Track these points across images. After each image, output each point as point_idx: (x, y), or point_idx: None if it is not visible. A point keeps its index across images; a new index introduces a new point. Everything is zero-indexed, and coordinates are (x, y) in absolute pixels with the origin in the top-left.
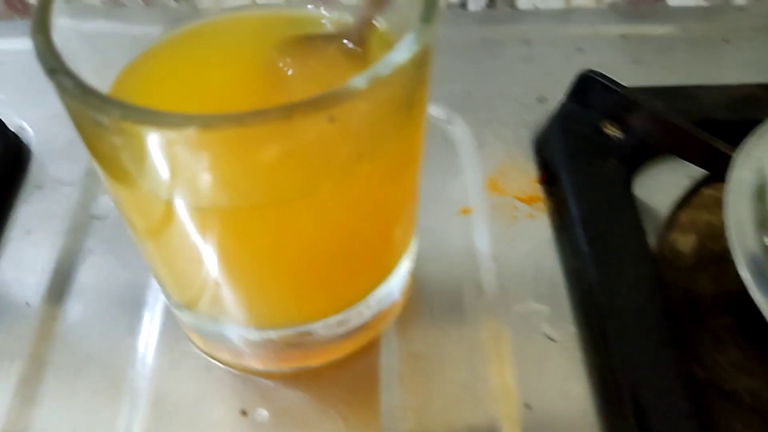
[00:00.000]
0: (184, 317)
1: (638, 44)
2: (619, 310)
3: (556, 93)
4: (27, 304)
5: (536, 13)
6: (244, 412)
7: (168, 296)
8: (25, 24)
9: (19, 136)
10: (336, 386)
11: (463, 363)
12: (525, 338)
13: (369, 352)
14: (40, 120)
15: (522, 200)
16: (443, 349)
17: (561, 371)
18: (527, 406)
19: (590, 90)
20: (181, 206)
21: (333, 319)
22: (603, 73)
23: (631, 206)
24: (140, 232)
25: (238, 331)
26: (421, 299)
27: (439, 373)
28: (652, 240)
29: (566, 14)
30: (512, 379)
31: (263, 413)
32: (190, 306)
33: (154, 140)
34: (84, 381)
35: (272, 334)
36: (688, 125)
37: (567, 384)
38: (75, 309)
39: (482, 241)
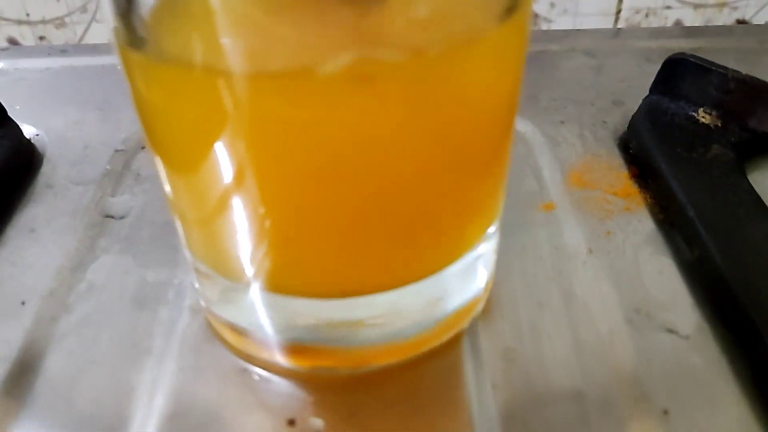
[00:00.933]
0: (217, 302)
1: (714, 56)
2: (762, 296)
3: (633, 96)
4: (22, 303)
5: (596, 31)
6: (291, 422)
7: (200, 269)
8: (44, 47)
9: (33, 142)
10: (408, 390)
11: (569, 366)
12: (647, 337)
13: (448, 351)
14: (55, 128)
15: (615, 194)
16: (542, 350)
17: (700, 372)
18: (665, 412)
19: (681, 75)
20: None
21: (413, 289)
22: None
23: (748, 189)
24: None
25: (286, 304)
26: (505, 297)
27: (542, 378)
28: None
29: (625, 31)
30: (640, 382)
31: (317, 422)
32: (224, 271)
33: None
34: (83, 390)
35: (332, 309)
36: None
37: (710, 385)
38: (80, 309)
39: (573, 235)
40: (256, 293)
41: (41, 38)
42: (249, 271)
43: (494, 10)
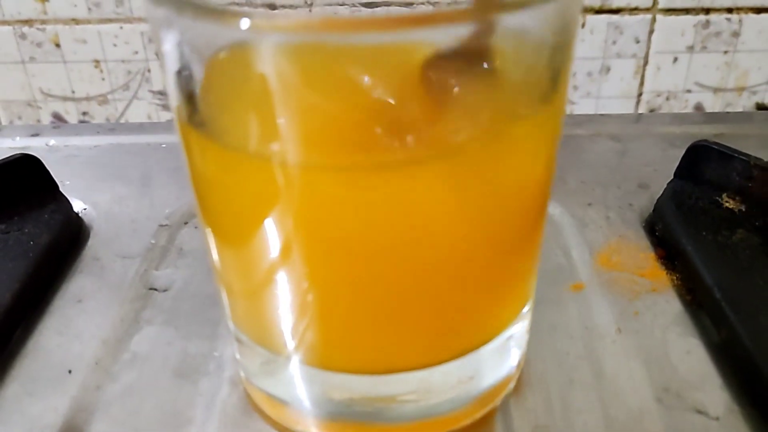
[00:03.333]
0: (257, 374)
1: (735, 141)
2: None
3: (658, 180)
4: (69, 371)
5: (620, 116)
6: None
7: (242, 340)
8: (93, 126)
9: (81, 216)
10: None
11: None
12: (677, 417)
13: (481, 427)
14: (102, 203)
15: (642, 275)
16: (573, 427)
17: None
18: None
19: (704, 162)
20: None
21: (447, 368)
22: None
23: None
24: (226, 241)
25: (324, 378)
26: (537, 375)
27: None
28: None
29: (647, 116)
30: None
31: None
32: (266, 343)
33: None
34: None
35: (367, 385)
36: None
37: None
38: (124, 379)
39: (602, 315)
40: (295, 366)
41: (84, 113)
42: (289, 344)
43: (534, 97)
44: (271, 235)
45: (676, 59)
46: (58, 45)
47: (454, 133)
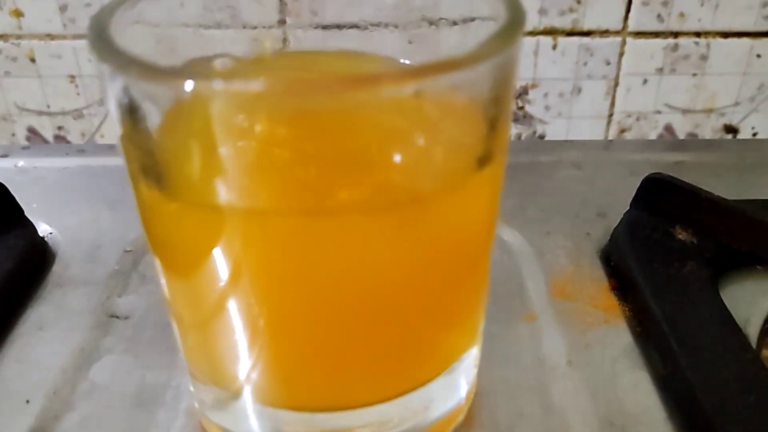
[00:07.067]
0: (211, 408)
1: (695, 169)
2: (730, 412)
3: (616, 209)
4: (27, 401)
5: (584, 143)
6: None
7: (195, 375)
8: (63, 147)
9: (47, 240)
10: None
11: None
12: None
13: None
14: (69, 227)
15: (595, 306)
16: None
17: None
18: None
19: (658, 194)
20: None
21: (394, 406)
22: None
23: (720, 306)
24: (174, 280)
25: (275, 416)
26: (486, 407)
27: None
28: None
29: (610, 144)
30: None
31: None
32: (218, 380)
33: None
34: None
35: (314, 421)
36: None
37: None
38: (82, 409)
39: (554, 347)
40: (247, 403)
41: (59, 128)
42: (239, 382)
43: (471, 154)
44: (220, 278)
45: (645, 81)
46: (33, 60)
47: (395, 188)
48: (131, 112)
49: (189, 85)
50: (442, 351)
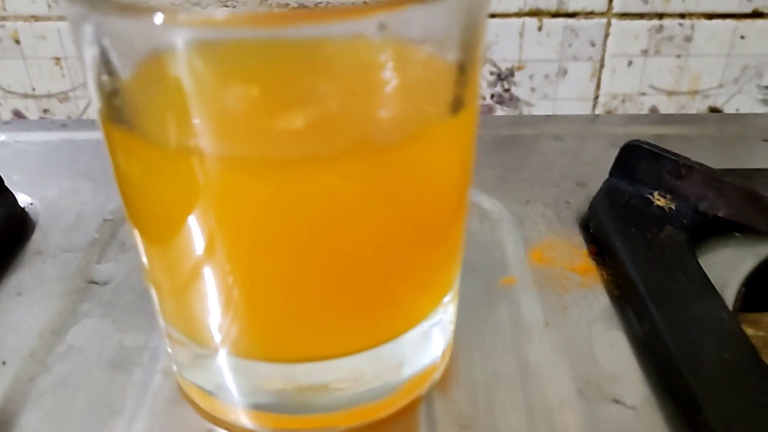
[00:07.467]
0: (188, 367)
1: (676, 142)
2: (704, 370)
3: (597, 179)
4: (3, 363)
5: (566, 117)
6: None
7: (172, 335)
8: (45, 122)
9: (27, 210)
10: None
11: None
12: (596, 408)
13: (405, 417)
14: (49, 198)
15: (573, 270)
16: (495, 419)
17: None
18: None
19: (637, 161)
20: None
21: (367, 358)
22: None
23: (697, 269)
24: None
25: (252, 369)
26: (462, 367)
27: None
28: None
29: (595, 118)
30: None
31: None
32: (195, 337)
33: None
34: None
35: (289, 373)
36: (752, 188)
37: None
38: (58, 370)
39: (531, 309)
40: (223, 358)
41: (45, 111)
42: (217, 337)
43: (442, 98)
44: (193, 231)
45: (630, 62)
46: (17, 41)
47: (369, 131)
48: (102, 56)
49: (158, 18)
50: (414, 304)
